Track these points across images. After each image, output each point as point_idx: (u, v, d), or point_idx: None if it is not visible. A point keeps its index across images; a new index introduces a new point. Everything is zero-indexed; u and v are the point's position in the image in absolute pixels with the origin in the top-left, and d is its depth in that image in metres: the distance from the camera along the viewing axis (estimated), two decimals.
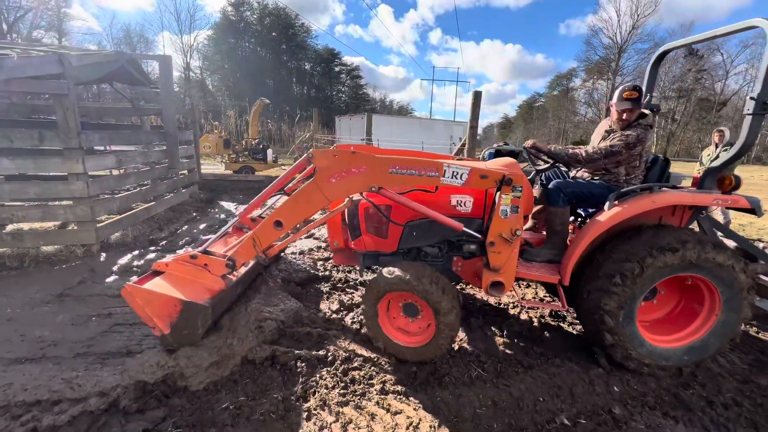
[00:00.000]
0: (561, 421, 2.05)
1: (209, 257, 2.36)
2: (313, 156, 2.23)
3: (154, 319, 2.12)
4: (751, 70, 36.29)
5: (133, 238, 5.09)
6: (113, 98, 29.14)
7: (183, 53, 43.96)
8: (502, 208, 2.25)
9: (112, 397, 2.07)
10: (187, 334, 2.21)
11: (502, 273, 2.36)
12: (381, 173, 2.21)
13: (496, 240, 2.29)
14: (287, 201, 2.29)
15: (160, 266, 2.36)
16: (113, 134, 5.58)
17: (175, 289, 2.18)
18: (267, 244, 2.38)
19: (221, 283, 2.41)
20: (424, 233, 2.60)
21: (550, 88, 53.68)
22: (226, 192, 9.27)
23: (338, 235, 2.92)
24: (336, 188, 2.23)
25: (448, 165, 2.21)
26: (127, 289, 2.08)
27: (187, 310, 2.15)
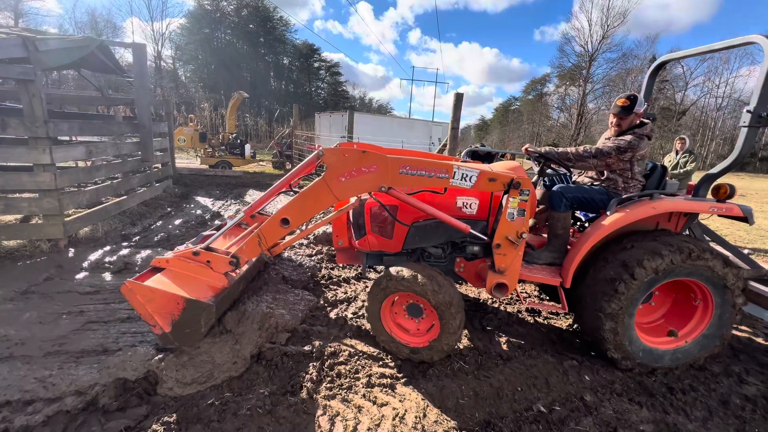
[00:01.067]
0: (538, 409, 2.17)
1: (212, 254, 2.30)
2: (323, 154, 2.19)
3: (155, 317, 2.06)
4: (707, 82, 38.94)
5: (103, 233, 4.87)
6: (76, 86, 27.47)
7: (154, 41, 42.03)
8: (509, 211, 2.28)
9: (90, 395, 2.00)
10: (190, 333, 2.14)
11: (506, 275, 2.39)
12: (391, 174, 2.20)
13: (502, 242, 2.32)
14: (295, 198, 2.26)
15: (160, 262, 2.28)
16: (83, 124, 5.30)
17: (178, 287, 2.12)
18: (273, 242, 2.33)
19: (224, 281, 2.36)
20: (430, 234, 2.61)
21: (525, 92, 55.33)
22: (201, 187, 9.00)
23: (343, 233, 2.89)
24: (345, 187, 2.21)
25: (458, 167, 2.22)
26: (127, 286, 2.01)
27: (191, 309, 2.09)
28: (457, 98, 5.38)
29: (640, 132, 2.68)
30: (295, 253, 4.40)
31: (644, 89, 3.40)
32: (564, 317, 3.38)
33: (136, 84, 6.13)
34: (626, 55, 40.42)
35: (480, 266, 2.73)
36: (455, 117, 5.44)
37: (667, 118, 39.70)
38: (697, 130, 38.56)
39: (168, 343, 2.17)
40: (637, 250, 2.39)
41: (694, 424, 2.14)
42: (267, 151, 18.54)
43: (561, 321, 3.32)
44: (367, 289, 3.65)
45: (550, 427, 2.05)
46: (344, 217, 2.84)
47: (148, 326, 2.15)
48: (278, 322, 2.67)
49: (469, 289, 3.76)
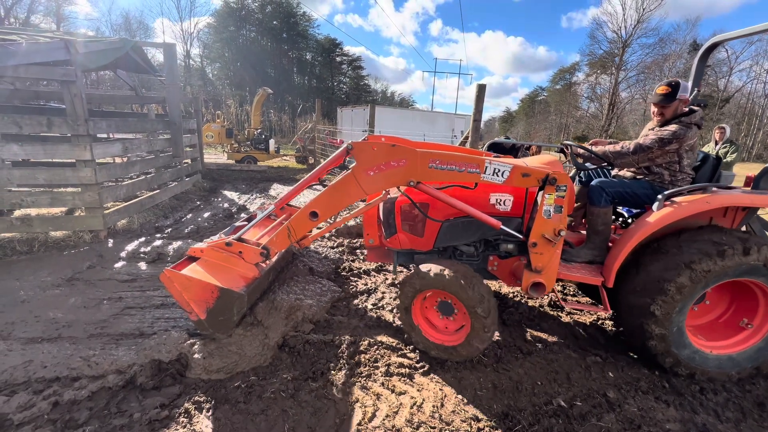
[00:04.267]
0: (558, 404, 2.14)
1: (244, 245, 2.36)
2: (352, 147, 2.18)
3: (191, 304, 2.14)
4: (755, 66, 36.15)
5: (139, 225, 5.16)
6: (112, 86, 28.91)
7: (183, 41, 43.54)
8: (545, 208, 2.19)
9: (129, 374, 2.16)
10: (223, 321, 2.24)
11: (543, 274, 2.30)
12: (420, 168, 2.16)
13: (538, 241, 2.24)
14: (324, 192, 2.26)
15: (195, 252, 2.36)
16: (119, 122, 5.61)
17: (212, 276, 2.20)
18: (301, 234, 2.36)
19: (255, 271, 2.43)
20: (462, 231, 2.56)
21: (552, 82, 53.33)
22: (228, 181, 9.31)
23: (374, 232, 2.86)
24: (374, 181, 2.18)
25: (490, 162, 2.15)
26: (166, 275, 2.10)
27: (224, 297, 2.17)
28: (480, 90, 5.28)
29: (686, 120, 2.49)
30: (320, 246, 4.50)
31: (693, 74, 3.18)
32: (588, 313, 3.30)
33: (167, 82, 6.39)
34: (663, 40, 38.08)
35: (515, 264, 2.65)
36: (477, 109, 5.34)
37: (709, 106, 37.21)
38: (741, 118, 35.89)
39: (203, 329, 2.27)
40: (689, 249, 2.22)
41: (726, 425, 2.05)
42: (290, 146, 18.89)
43: (585, 317, 3.24)
44: (386, 282, 3.70)
45: (570, 421, 2.02)
46: (375, 215, 2.81)
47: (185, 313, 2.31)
48: (305, 313, 2.76)
49: (490, 283, 3.73)
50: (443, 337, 2.48)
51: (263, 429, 1.87)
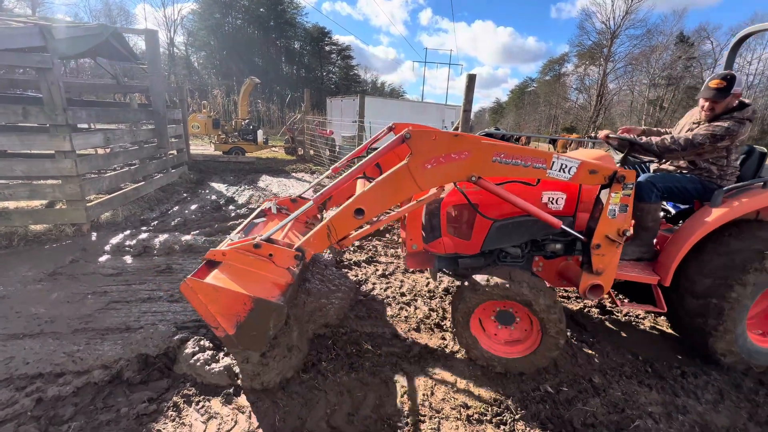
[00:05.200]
0: (545, 389, 2.19)
1: (275, 246, 2.01)
2: (410, 136, 1.91)
3: (218, 318, 1.81)
4: (739, 59, 36.75)
5: (123, 218, 5.05)
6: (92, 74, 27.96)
7: (166, 28, 42.17)
8: (610, 208, 2.07)
9: (115, 369, 2.13)
10: (256, 336, 1.90)
11: (603, 276, 2.19)
12: (483, 161, 1.97)
13: (602, 242, 2.12)
14: (372, 186, 1.98)
15: (215, 255, 1.98)
16: (100, 111, 5.44)
17: (241, 284, 1.88)
18: (343, 234, 2.04)
19: (288, 276, 2.04)
20: (512, 233, 2.42)
21: (542, 73, 53.48)
22: (216, 173, 9.15)
23: (417, 236, 2.58)
24: (431, 175, 1.95)
25: (558, 157, 2.02)
26: (187, 284, 1.75)
27: (259, 309, 1.84)
28: (470, 80, 5.26)
29: (739, 116, 2.38)
30: None
31: (725, 65, 3.14)
32: (575, 300, 3.37)
33: (150, 70, 6.20)
34: (651, 32, 38.42)
35: (561, 265, 2.58)
36: (467, 99, 5.33)
37: (693, 97, 37.87)
38: None
39: (231, 346, 1.95)
40: (748, 244, 2.22)
41: (705, 406, 2.13)
42: (279, 137, 18.62)
43: (572, 304, 3.30)
44: (377, 273, 3.70)
45: (557, 406, 2.07)
46: (420, 218, 2.59)
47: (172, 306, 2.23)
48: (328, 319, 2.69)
49: None
50: (505, 349, 2.35)
51: (254, 420, 1.87)
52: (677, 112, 37.27)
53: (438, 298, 3.25)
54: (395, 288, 3.41)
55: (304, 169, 10.30)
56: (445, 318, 2.92)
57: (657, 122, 37.79)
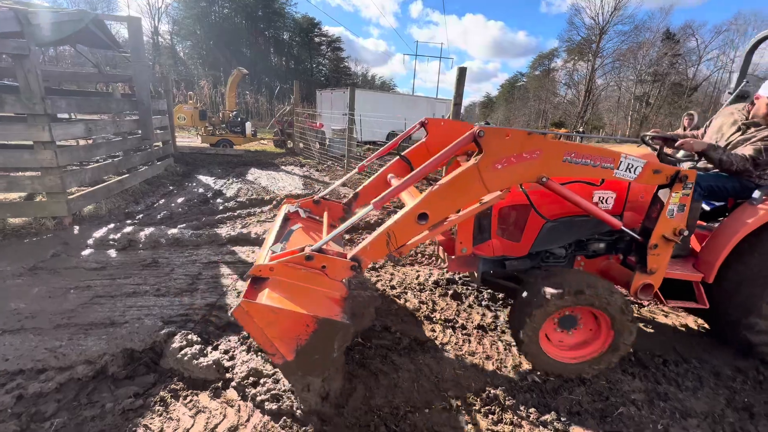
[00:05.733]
0: (532, 379, 2.23)
1: (329, 257, 1.86)
2: (483, 134, 1.79)
3: (275, 343, 1.63)
4: (722, 56, 37.58)
5: (107, 211, 4.93)
6: (73, 63, 27.02)
7: (150, 16, 40.88)
8: (669, 207, 2.06)
9: (99, 364, 2.09)
10: (318, 360, 1.71)
11: (655, 275, 2.20)
12: (554, 161, 1.90)
13: (659, 242, 2.12)
14: (437, 189, 1.86)
15: (262, 271, 1.79)
16: (81, 101, 5.25)
17: (298, 303, 1.70)
18: (404, 241, 1.90)
19: (343, 289, 1.89)
20: (562, 233, 2.41)
21: (531, 67, 53.75)
22: (203, 166, 8.99)
23: (469, 239, 2.45)
24: (500, 176, 1.85)
25: (625, 156, 1.98)
26: (242, 308, 1.57)
27: (323, 330, 1.66)
28: (460, 73, 5.24)
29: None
30: None
31: (741, 66, 3.24)
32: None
33: (133, 59, 6.01)
34: (638, 28, 38.86)
35: (603, 264, 2.60)
36: (458, 92, 5.31)
37: (678, 94, 38.60)
38: (708, 106, 37.44)
39: (289, 373, 1.74)
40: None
41: (685, 393, 2.20)
42: (268, 130, 18.36)
43: None
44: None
45: (543, 395, 2.11)
46: (471, 221, 2.46)
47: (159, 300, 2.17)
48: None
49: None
50: (572, 354, 2.30)
51: (243, 415, 1.86)
52: (663, 108, 37.97)
53: (428, 291, 3.26)
54: (385, 281, 3.41)
55: (294, 162, 10.19)
56: (435, 310, 2.94)
57: (643, 118, 38.45)
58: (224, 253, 3.86)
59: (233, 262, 3.66)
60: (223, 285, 3.16)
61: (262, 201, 5.88)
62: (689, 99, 37.48)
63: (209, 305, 2.81)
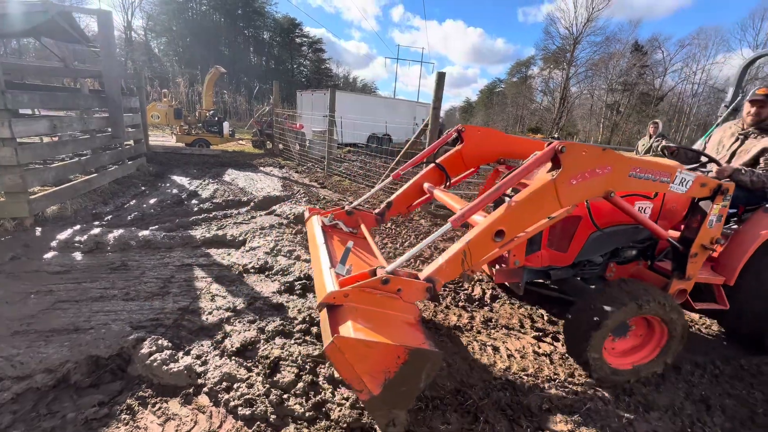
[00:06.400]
0: (506, 378, 2.28)
1: (404, 279, 1.76)
2: (564, 150, 1.78)
3: (363, 379, 1.50)
4: (686, 69, 39.81)
5: (73, 212, 4.69)
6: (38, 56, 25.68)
7: (123, 10, 39.42)
8: (710, 218, 2.20)
9: (60, 372, 1.98)
10: (405, 393, 1.59)
11: (690, 281, 2.36)
12: (622, 176, 1.94)
13: (699, 250, 2.27)
14: (513, 205, 1.82)
15: (336, 298, 1.65)
16: (45, 96, 5.00)
17: (383, 333, 1.58)
18: (480, 258, 1.85)
19: (416, 312, 1.79)
20: (605, 242, 2.50)
21: (509, 74, 55.24)
22: (177, 166, 8.71)
23: (522, 252, 2.45)
24: (574, 191, 1.86)
25: (680, 171, 2.08)
26: (336, 346, 1.45)
27: (414, 361, 1.54)
28: (439, 78, 5.33)
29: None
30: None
31: (737, 81, 3.42)
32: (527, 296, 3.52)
33: (103, 54, 5.78)
34: (609, 39, 40.72)
35: (633, 269, 2.72)
36: (437, 96, 5.40)
37: (646, 103, 40.56)
38: (673, 115, 39.55)
39: (375, 408, 1.61)
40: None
41: (648, 388, 2.30)
42: (246, 130, 18.00)
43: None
44: None
45: (516, 393, 2.16)
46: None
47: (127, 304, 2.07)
48: None
49: None
50: (624, 360, 2.38)
51: (215, 421, 1.81)
52: (632, 116, 39.79)
53: None
54: None
55: (273, 163, 10.04)
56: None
57: (614, 125, 40.17)
58: (198, 255, 3.76)
59: (208, 264, 3.56)
60: (196, 288, 3.07)
61: (239, 202, 5.76)
62: (656, 108, 39.45)
63: (181, 309, 2.72)
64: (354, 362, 1.47)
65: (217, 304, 2.81)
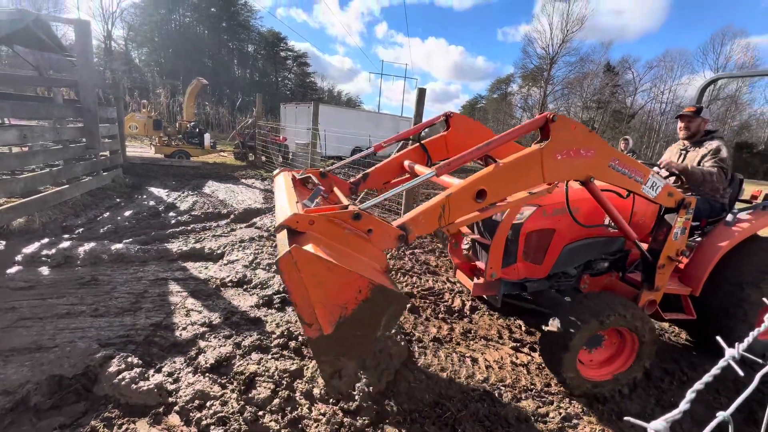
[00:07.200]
0: (483, 389, 2.30)
1: (377, 220, 1.58)
2: (556, 120, 1.77)
3: (317, 310, 1.33)
4: (654, 89, 42.09)
5: (41, 225, 4.51)
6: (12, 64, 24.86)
7: (103, 19, 38.78)
8: (675, 230, 2.28)
9: (20, 394, 1.88)
10: (359, 339, 1.42)
11: (659, 291, 2.42)
12: (602, 163, 1.95)
13: (665, 262, 2.35)
14: (500, 168, 1.76)
15: (300, 222, 1.42)
16: (15, 105, 4.85)
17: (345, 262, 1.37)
18: (457, 217, 1.75)
19: (383, 261, 1.61)
20: (579, 254, 2.57)
21: (490, 91, 56.93)
22: (155, 177, 8.51)
23: (499, 264, 2.44)
24: (557, 168, 1.84)
25: (653, 174, 2.12)
26: (292, 257, 1.24)
27: (377, 300, 1.37)
28: (420, 93, 5.46)
29: (718, 136, 2.95)
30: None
31: (696, 100, 3.66)
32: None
33: (79, 64, 5.66)
34: (583, 60, 42.71)
35: (605, 281, 2.78)
36: (418, 112, 5.51)
37: (618, 120, 42.49)
38: (644, 132, 41.54)
39: (321, 351, 1.41)
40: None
41: (621, 395, 2.36)
42: (228, 142, 17.81)
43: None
44: None
45: (494, 404, 2.18)
46: (502, 246, 2.44)
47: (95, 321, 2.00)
48: None
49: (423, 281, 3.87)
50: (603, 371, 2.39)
51: None
52: (606, 133, 41.52)
53: None
54: None
55: (255, 176, 9.94)
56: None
57: None
58: (174, 269, 3.66)
59: (184, 278, 3.47)
60: (171, 303, 2.98)
61: (219, 215, 5.66)
62: (628, 125, 41.37)
63: (154, 325, 2.63)
64: (310, 285, 1.29)
65: (192, 319, 2.73)
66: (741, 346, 0.64)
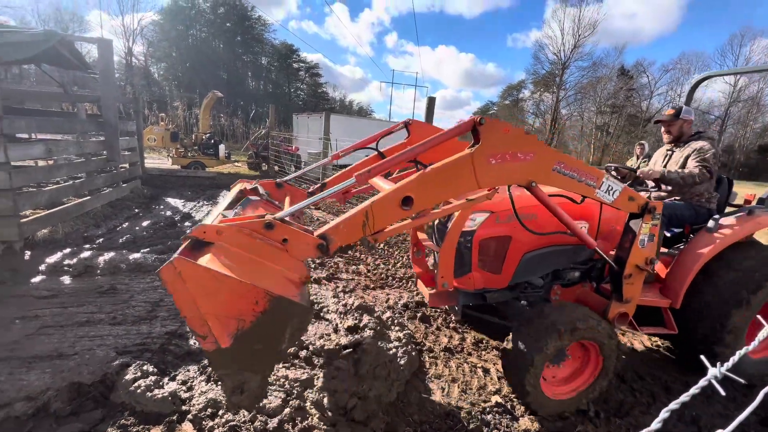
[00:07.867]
0: (496, 401, 2.26)
1: (292, 230, 1.52)
2: (484, 123, 1.67)
3: (209, 322, 1.25)
4: (670, 92, 41.27)
5: (64, 235, 4.68)
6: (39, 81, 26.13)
7: (124, 37, 40.47)
8: (641, 238, 2.11)
9: (41, 401, 1.94)
10: (261, 352, 1.35)
11: (630, 303, 2.23)
12: (544, 168, 1.82)
13: (633, 271, 2.16)
14: (425, 173, 1.66)
15: (207, 233, 1.41)
16: (41, 121, 5.09)
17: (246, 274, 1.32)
18: (383, 225, 1.66)
19: (303, 271, 1.53)
20: (541, 263, 2.44)
21: (501, 97, 56.76)
22: (172, 188, 8.75)
23: (450, 273, 2.37)
24: (492, 172, 1.72)
25: (607, 177, 1.98)
26: (173, 267, 1.20)
27: (277, 312, 1.31)
28: (430, 102, 5.52)
29: (706, 135, 2.86)
30: None
31: (685, 101, 3.60)
32: None
33: (101, 80, 5.92)
34: (596, 64, 42.25)
35: (578, 292, 2.64)
36: (427, 120, 5.56)
37: (635, 124, 41.69)
38: (660, 136, 40.57)
39: (220, 365, 1.33)
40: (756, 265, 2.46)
41: (639, 408, 2.29)
42: (243, 152, 18.20)
43: None
44: (337, 290, 3.68)
45: (505, 415, 2.14)
46: (453, 255, 2.38)
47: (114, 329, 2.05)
48: None
49: None
50: (567, 387, 2.27)
51: None
52: (621, 137, 40.79)
53: (397, 314, 3.27)
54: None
55: None
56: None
57: (604, 146, 41.09)
58: None
59: None
60: None
61: None
62: (644, 129, 40.50)
63: (169, 333, 2.69)
64: (197, 296, 1.22)
65: None
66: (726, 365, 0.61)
